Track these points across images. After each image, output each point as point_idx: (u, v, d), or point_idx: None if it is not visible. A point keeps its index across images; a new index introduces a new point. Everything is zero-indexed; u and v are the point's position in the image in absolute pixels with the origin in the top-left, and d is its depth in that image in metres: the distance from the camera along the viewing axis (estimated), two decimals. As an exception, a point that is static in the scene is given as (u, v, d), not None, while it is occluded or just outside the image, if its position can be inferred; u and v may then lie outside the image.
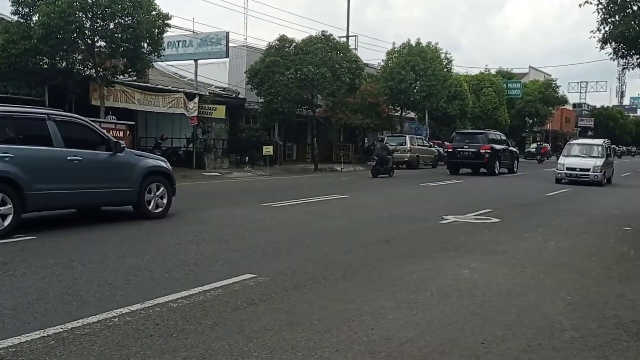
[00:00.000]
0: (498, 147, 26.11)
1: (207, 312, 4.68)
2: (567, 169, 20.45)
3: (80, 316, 4.44)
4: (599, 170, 19.98)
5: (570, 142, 23.74)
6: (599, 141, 23.00)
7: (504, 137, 28.75)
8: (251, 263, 6.47)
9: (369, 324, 4.49)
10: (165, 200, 9.97)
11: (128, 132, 18.09)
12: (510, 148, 28.87)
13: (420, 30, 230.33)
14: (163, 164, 10.31)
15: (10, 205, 7.66)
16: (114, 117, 19.32)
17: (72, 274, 5.77)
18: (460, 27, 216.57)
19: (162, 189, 9.92)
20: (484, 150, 24.81)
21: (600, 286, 5.91)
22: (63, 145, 8.42)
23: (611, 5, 10.92)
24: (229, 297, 5.12)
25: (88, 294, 5.10)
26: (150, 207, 9.70)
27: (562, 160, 21.26)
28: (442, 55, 33.23)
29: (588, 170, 20.01)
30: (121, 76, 19.85)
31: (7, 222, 7.62)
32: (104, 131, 9.99)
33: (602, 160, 20.57)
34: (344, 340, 4.12)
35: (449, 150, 26.44)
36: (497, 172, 25.41)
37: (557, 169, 20.99)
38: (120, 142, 9.69)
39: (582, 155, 21.13)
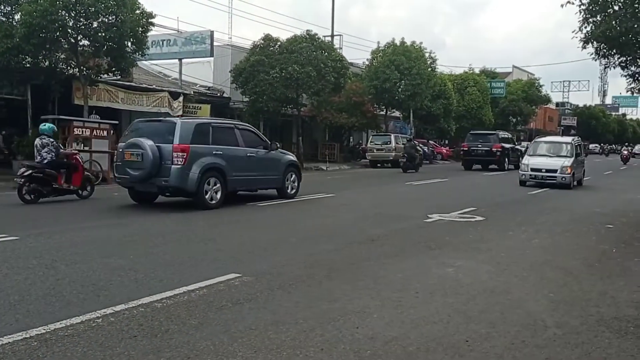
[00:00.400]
0: (507, 145, 29.08)
1: (192, 312, 4.66)
2: (532, 169, 18.43)
3: (63, 317, 4.39)
4: (567, 172, 17.94)
5: (537, 140, 21.46)
6: (568, 139, 20.92)
7: (511, 137, 31.79)
8: (236, 262, 6.46)
9: (353, 322, 4.51)
10: (295, 186, 13.40)
11: (112, 131, 17.89)
12: (517, 146, 31.51)
13: (405, 30, 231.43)
14: (295, 158, 14.06)
15: (220, 186, 11.15)
16: (97, 116, 19.13)
17: (55, 274, 5.71)
18: (445, 27, 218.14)
19: (295, 177, 13.41)
20: (495, 149, 27.89)
21: (583, 284, 5.98)
22: (244, 146, 12.04)
23: (592, 6, 11.02)
24: (214, 296, 5.10)
25: (71, 294, 5.05)
26: (288, 190, 13.10)
27: (527, 160, 19.09)
28: (427, 55, 33.42)
29: (555, 171, 17.97)
30: (105, 75, 19.67)
31: (217, 199, 11.16)
32: (263, 135, 13.52)
33: (571, 160, 18.39)
34: (329, 340, 4.13)
35: (465, 148, 29.50)
36: (506, 168, 27.93)
37: (520, 170, 19.09)
38: (276, 143, 13.17)
39: (549, 155, 19.05)
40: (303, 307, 4.88)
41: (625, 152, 45.60)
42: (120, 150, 11.38)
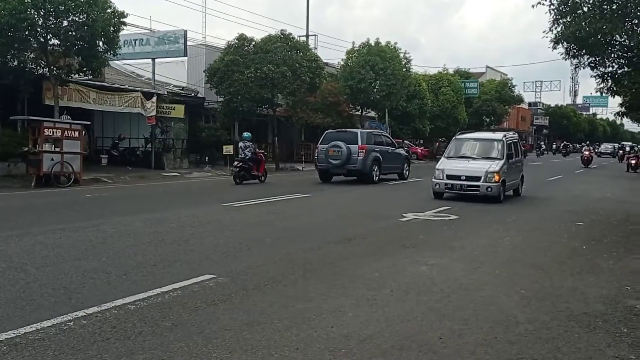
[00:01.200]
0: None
1: (166, 313, 4.62)
2: (449, 177, 13.82)
3: (33, 321, 4.32)
4: (494, 179, 13.38)
5: (457, 137, 15.97)
6: (498, 135, 15.75)
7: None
8: (211, 263, 6.42)
9: (329, 321, 4.52)
10: (408, 172, 21.08)
11: (83, 132, 17.59)
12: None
13: (380, 30, 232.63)
14: (406, 154, 22.64)
15: (378, 170, 18.78)
16: (68, 116, 18.78)
17: (26, 277, 5.60)
18: (419, 27, 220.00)
19: (407, 166, 21.23)
20: None
21: (554, 280, 6.10)
22: (384, 145, 19.79)
23: (562, 7, 11.22)
24: (188, 298, 5.07)
25: (42, 297, 4.96)
26: (405, 175, 20.83)
27: (442, 164, 14.49)
28: (401, 55, 33.55)
29: (478, 179, 13.46)
30: (76, 75, 19.26)
31: (377, 177, 18.76)
32: (391, 137, 22.16)
33: (500, 163, 13.78)
34: (304, 339, 4.14)
35: None
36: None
37: (433, 177, 14.19)
38: (400, 141, 24.37)
39: (472, 157, 14.40)
40: (278, 307, 4.88)
41: (587, 153, 37.49)
42: (324, 149, 18.47)
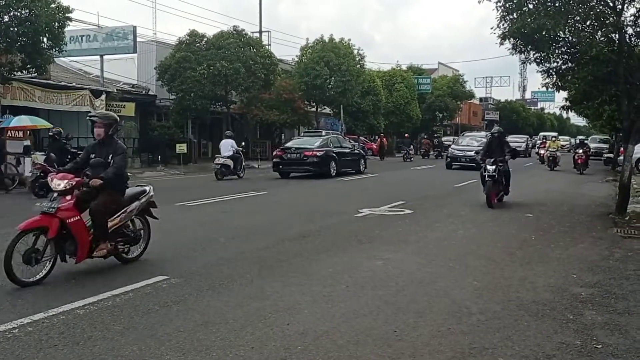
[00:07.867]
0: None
1: (117, 317, 4.49)
2: None
3: (-26, 330, 4.12)
4: None
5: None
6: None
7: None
8: (164, 264, 6.30)
9: (284, 319, 4.49)
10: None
11: (28, 132, 16.94)
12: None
13: (334, 26, 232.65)
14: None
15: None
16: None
17: (-35, 285, 5.35)
18: (374, 23, 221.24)
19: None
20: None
21: (505, 271, 6.25)
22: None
23: (509, 3, 11.47)
24: (140, 300, 4.95)
25: (-17, 306, 4.75)
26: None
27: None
28: (355, 52, 33.78)
29: None
30: (19, 72, 18.53)
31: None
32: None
33: None
34: (260, 337, 4.10)
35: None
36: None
37: None
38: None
39: None
40: (233, 306, 4.82)
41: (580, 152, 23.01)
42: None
